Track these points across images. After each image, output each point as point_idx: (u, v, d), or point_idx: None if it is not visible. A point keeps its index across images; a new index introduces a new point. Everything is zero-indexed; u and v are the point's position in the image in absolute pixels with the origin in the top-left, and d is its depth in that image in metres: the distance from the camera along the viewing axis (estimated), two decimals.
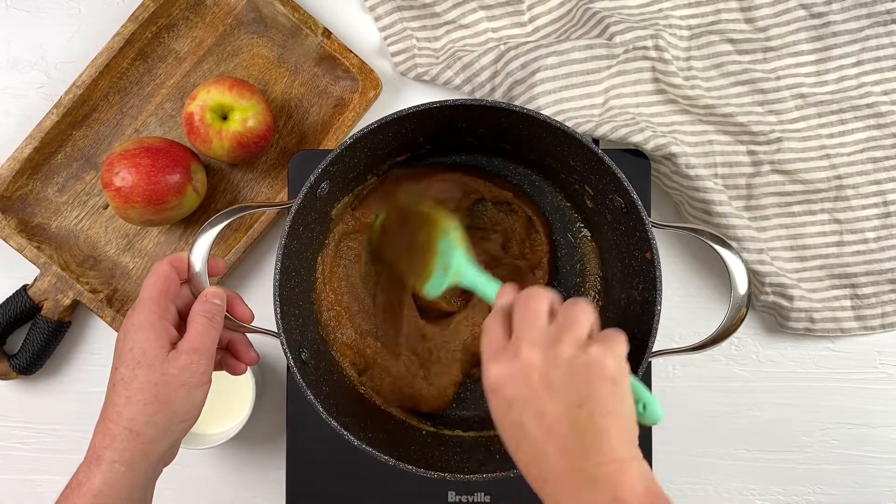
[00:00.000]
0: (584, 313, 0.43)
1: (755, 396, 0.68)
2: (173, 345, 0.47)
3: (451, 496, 0.62)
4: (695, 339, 0.67)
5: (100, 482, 0.44)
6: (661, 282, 0.55)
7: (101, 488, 0.44)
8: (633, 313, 0.58)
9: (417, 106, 0.54)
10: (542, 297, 0.44)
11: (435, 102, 0.54)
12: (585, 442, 0.40)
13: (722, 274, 0.68)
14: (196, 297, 0.50)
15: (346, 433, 0.53)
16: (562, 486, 0.41)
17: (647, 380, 0.63)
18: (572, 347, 0.41)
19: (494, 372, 0.43)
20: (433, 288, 0.54)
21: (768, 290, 0.64)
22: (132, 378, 0.45)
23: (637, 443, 0.42)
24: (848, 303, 0.66)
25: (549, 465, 0.41)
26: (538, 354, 0.42)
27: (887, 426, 0.67)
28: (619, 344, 0.43)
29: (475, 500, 0.62)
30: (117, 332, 0.65)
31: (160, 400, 0.45)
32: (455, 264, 0.52)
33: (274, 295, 0.54)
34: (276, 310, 0.55)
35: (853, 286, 0.65)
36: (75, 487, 0.44)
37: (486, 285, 0.50)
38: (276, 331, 0.55)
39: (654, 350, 0.54)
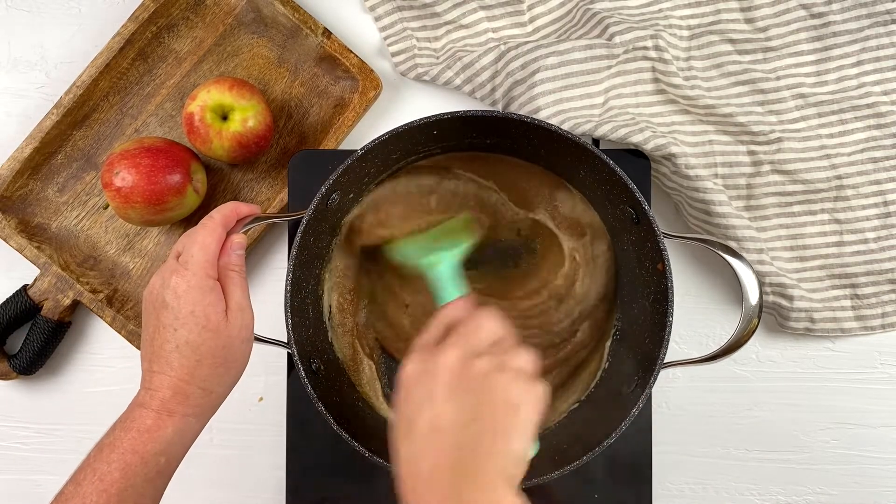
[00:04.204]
0: (490, 324, 0.42)
1: (755, 396, 0.68)
2: None
3: None
4: (696, 338, 0.68)
5: (172, 431, 0.46)
6: (672, 293, 0.54)
7: (172, 437, 0.47)
8: (643, 324, 0.58)
9: (429, 117, 0.54)
10: (493, 320, 0.43)
11: (446, 113, 0.54)
12: (463, 463, 0.38)
13: (722, 275, 0.68)
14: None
15: (356, 444, 0.53)
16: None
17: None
18: (491, 364, 0.41)
19: (410, 368, 0.43)
20: (410, 256, 0.55)
21: (768, 290, 0.64)
22: (200, 342, 0.47)
23: (517, 484, 0.39)
24: (848, 303, 0.66)
25: (421, 478, 0.39)
26: (456, 358, 0.41)
27: (887, 426, 0.67)
28: (532, 373, 0.41)
29: None
30: (118, 332, 0.66)
31: (228, 361, 0.49)
32: (446, 251, 0.52)
33: (285, 306, 0.54)
34: (287, 321, 0.54)
35: (853, 286, 0.65)
36: (144, 432, 0.46)
37: (452, 285, 0.50)
38: (285, 341, 0.55)
39: (665, 361, 0.54)
